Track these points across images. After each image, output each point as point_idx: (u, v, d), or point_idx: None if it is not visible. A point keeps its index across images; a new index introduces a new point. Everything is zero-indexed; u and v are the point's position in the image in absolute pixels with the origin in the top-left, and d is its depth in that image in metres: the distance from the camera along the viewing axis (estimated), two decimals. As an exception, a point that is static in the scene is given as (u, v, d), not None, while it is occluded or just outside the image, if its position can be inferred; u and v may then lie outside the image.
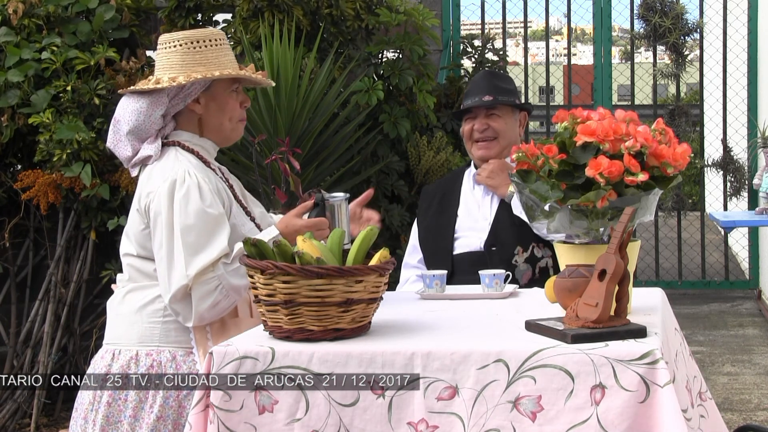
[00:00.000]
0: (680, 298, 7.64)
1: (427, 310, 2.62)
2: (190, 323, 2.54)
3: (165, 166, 2.62)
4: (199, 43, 2.67)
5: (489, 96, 3.48)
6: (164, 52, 2.69)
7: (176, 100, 2.67)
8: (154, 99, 2.65)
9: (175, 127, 2.73)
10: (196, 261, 2.50)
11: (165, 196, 2.55)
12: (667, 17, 6.61)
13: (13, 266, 5.25)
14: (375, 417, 2.11)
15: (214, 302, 2.52)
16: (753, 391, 5.27)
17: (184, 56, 2.66)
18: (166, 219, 2.54)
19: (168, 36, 2.71)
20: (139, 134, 2.66)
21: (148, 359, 2.60)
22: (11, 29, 4.88)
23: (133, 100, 2.66)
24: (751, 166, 6.83)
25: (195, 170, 2.60)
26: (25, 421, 5.00)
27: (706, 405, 2.51)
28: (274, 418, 2.14)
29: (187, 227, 2.52)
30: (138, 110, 2.64)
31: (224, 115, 2.74)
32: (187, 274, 2.50)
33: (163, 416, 2.56)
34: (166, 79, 2.64)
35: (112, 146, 2.71)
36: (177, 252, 2.52)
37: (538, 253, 3.34)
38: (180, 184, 2.56)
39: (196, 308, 2.52)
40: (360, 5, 5.07)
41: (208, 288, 2.51)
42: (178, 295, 2.52)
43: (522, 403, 2.05)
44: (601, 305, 2.14)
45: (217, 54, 2.69)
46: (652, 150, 2.36)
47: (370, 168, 5.04)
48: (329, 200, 2.72)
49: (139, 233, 2.64)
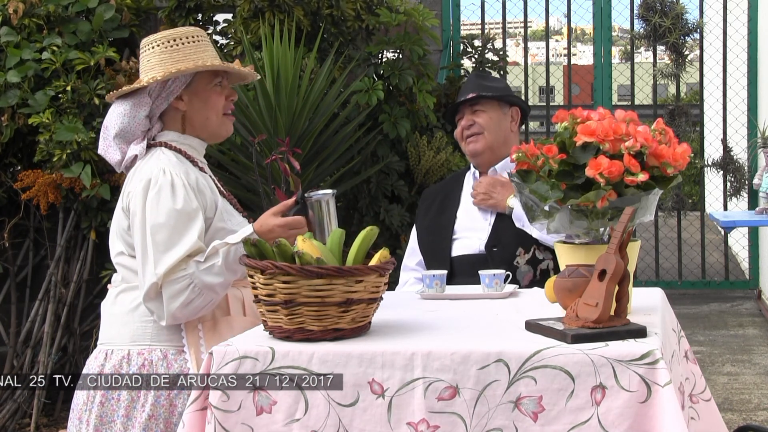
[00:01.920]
0: (680, 298, 7.64)
1: (427, 310, 2.61)
2: (164, 322, 2.55)
3: (146, 165, 2.64)
4: (176, 41, 2.69)
5: (472, 93, 3.50)
6: (145, 54, 2.72)
7: (159, 100, 2.69)
8: (137, 100, 2.67)
9: (162, 128, 2.74)
10: (165, 259, 2.51)
11: (140, 195, 2.58)
12: (667, 17, 6.61)
13: (13, 266, 5.25)
14: (375, 417, 2.11)
15: (186, 301, 2.52)
16: (753, 391, 5.27)
17: (161, 55, 2.67)
18: (140, 218, 2.56)
19: (147, 39, 2.73)
20: (125, 137, 2.68)
21: (139, 358, 2.60)
22: (12, 29, 4.88)
23: (117, 104, 2.70)
24: (751, 166, 6.83)
25: (172, 167, 2.61)
26: (25, 421, 5.01)
27: (698, 407, 2.50)
28: (272, 419, 2.14)
29: (157, 225, 2.53)
30: (122, 113, 2.67)
31: (209, 110, 2.75)
32: (156, 273, 2.50)
33: (154, 415, 2.56)
34: (145, 79, 2.66)
35: (103, 152, 2.74)
36: (148, 251, 2.53)
37: (540, 255, 3.34)
38: (153, 183, 2.57)
39: (167, 307, 2.52)
40: (360, 5, 5.07)
41: (179, 287, 2.51)
42: (150, 293, 2.53)
43: (523, 403, 2.05)
44: (601, 305, 2.14)
45: (195, 50, 2.70)
46: (652, 150, 2.36)
47: (370, 168, 5.04)
48: (312, 197, 2.64)
49: (124, 232, 2.65)
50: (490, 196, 3.41)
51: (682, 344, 2.57)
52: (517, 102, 3.60)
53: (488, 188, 3.42)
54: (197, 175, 2.68)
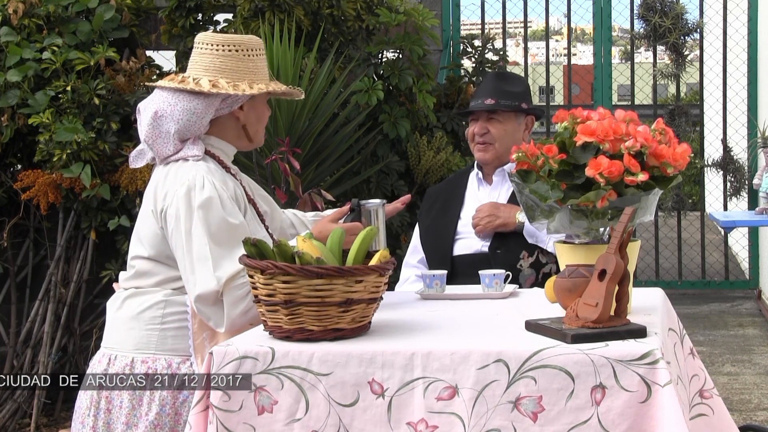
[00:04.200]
0: (680, 298, 7.64)
1: (427, 310, 2.61)
2: (222, 328, 2.48)
3: (184, 170, 2.57)
4: (253, 51, 2.65)
5: (491, 99, 3.46)
6: (215, 54, 2.63)
7: (224, 105, 2.64)
8: (209, 102, 2.60)
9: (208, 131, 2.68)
10: (225, 266, 2.45)
11: (183, 200, 2.50)
12: (667, 17, 6.61)
13: (13, 266, 5.25)
14: (375, 417, 2.11)
15: (246, 308, 2.46)
16: (753, 391, 5.27)
17: (238, 62, 2.63)
18: (186, 223, 2.49)
19: (215, 38, 2.65)
20: (184, 134, 2.61)
21: (143, 366, 2.57)
22: (12, 29, 4.88)
23: (183, 99, 2.59)
24: (751, 166, 6.83)
25: (213, 177, 2.56)
26: (25, 421, 5.01)
27: (711, 402, 2.51)
28: (273, 418, 2.14)
29: (211, 232, 2.47)
30: (191, 111, 2.59)
31: (260, 124, 2.75)
32: (218, 277, 2.44)
33: (159, 424, 2.53)
34: (224, 83, 2.60)
35: (151, 141, 2.62)
36: (202, 255, 2.46)
37: (543, 259, 3.34)
38: (199, 189, 2.51)
39: (229, 313, 2.46)
40: (360, 5, 5.07)
41: (240, 293, 2.45)
42: (209, 299, 2.46)
43: (523, 403, 2.05)
44: (601, 305, 2.14)
45: (263, 65, 2.69)
46: (652, 150, 2.36)
47: (370, 168, 5.04)
48: (365, 206, 2.75)
49: (152, 236, 2.58)
50: (496, 216, 3.36)
51: (686, 342, 2.57)
52: (534, 111, 3.56)
53: (492, 210, 3.38)
54: (234, 184, 2.65)
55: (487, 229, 3.37)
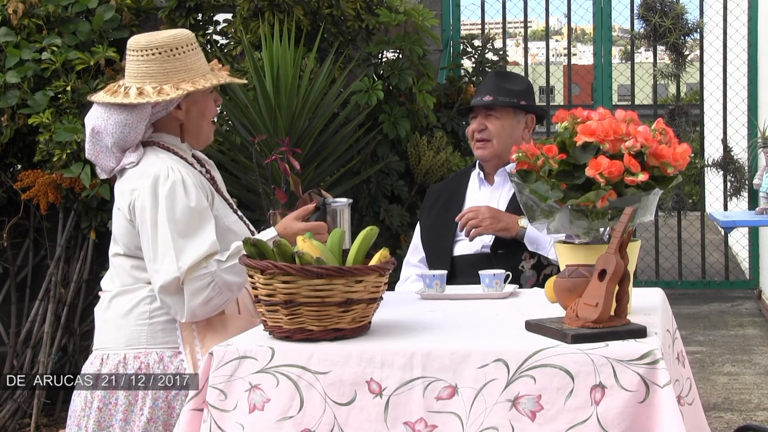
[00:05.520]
0: (680, 298, 7.64)
1: (427, 310, 2.62)
2: (182, 318, 2.53)
3: (147, 164, 2.60)
4: (178, 50, 2.62)
5: (490, 96, 3.46)
6: (140, 60, 2.62)
7: (158, 108, 2.63)
8: (139, 111, 2.60)
9: (154, 130, 2.69)
10: (187, 255, 2.48)
11: (149, 191, 2.54)
12: (667, 17, 6.61)
13: (13, 266, 5.25)
14: (371, 416, 2.10)
15: (207, 298, 2.50)
16: (753, 391, 5.27)
17: (163, 64, 2.61)
18: (151, 214, 2.52)
19: (138, 42, 2.63)
20: (123, 146, 2.64)
21: (136, 362, 2.59)
22: (11, 29, 4.88)
23: (114, 112, 2.61)
24: (751, 166, 6.83)
25: (177, 165, 2.59)
26: (25, 421, 5.01)
27: (683, 410, 2.49)
28: (263, 416, 2.14)
29: (175, 221, 2.50)
30: (123, 123, 2.60)
31: (204, 119, 2.73)
32: (179, 267, 2.47)
33: (153, 418, 2.55)
34: (150, 90, 2.59)
35: (93, 158, 2.68)
36: (165, 245, 2.49)
37: (544, 261, 3.34)
38: (163, 180, 2.54)
39: (189, 303, 2.50)
40: (360, 5, 5.07)
41: (201, 284, 2.49)
42: (170, 288, 2.50)
43: (521, 402, 2.05)
44: (601, 305, 2.14)
45: (195, 59, 2.65)
46: (652, 150, 2.36)
47: (370, 168, 5.04)
48: (331, 205, 2.73)
49: (124, 232, 2.62)
50: (499, 220, 3.33)
51: (676, 346, 2.56)
52: (534, 110, 3.53)
53: (494, 213, 3.35)
54: (196, 173, 2.67)
55: (487, 230, 3.34)
